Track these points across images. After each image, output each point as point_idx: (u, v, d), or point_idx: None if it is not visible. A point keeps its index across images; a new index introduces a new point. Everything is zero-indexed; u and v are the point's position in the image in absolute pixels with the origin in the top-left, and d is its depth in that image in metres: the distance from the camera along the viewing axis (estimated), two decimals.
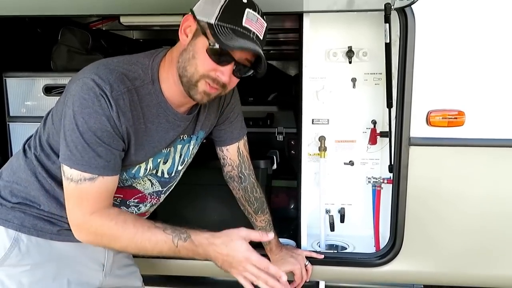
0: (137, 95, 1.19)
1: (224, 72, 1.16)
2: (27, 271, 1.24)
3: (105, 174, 1.15)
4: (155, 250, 1.18)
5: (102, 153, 1.13)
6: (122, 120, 1.15)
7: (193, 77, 1.17)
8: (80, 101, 1.12)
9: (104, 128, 1.13)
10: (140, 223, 1.18)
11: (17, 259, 1.24)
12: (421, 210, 1.59)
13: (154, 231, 1.17)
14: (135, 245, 1.17)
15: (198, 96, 1.20)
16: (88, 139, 1.12)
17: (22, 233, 1.25)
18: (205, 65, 1.16)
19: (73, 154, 1.13)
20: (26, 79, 1.93)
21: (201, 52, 1.15)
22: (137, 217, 1.23)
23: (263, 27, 1.18)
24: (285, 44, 3.43)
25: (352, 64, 1.80)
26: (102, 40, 2.38)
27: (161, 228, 1.18)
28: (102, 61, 1.23)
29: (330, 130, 1.86)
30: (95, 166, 1.13)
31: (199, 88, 1.18)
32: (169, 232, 1.17)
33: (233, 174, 1.54)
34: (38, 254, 1.26)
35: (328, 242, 1.85)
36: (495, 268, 1.62)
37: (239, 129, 1.51)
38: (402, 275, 1.68)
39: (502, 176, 1.54)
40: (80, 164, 1.13)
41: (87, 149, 1.12)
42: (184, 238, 1.17)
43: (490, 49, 1.50)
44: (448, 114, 1.51)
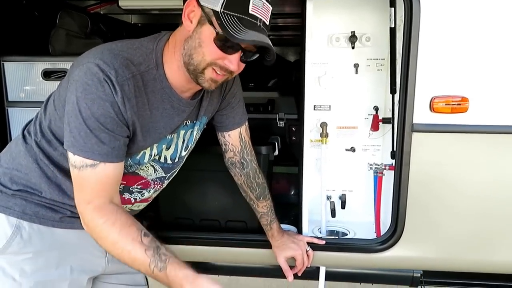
0: (142, 80, 1.17)
1: (232, 60, 1.15)
2: (30, 258, 1.23)
3: (108, 161, 1.13)
4: (133, 266, 1.14)
5: (105, 139, 1.12)
6: (127, 106, 1.13)
7: (200, 65, 1.16)
8: (84, 87, 1.09)
9: (107, 114, 1.11)
10: (126, 232, 1.12)
11: (19, 246, 1.23)
12: (423, 196, 1.59)
13: (136, 246, 1.11)
14: (116, 252, 1.14)
15: (206, 84, 1.19)
16: (91, 125, 1.10)
17: (23, 220, 1.24)
18: (212, 54, 1.14)
19: (76, 141, 1.11)
20: (24, 63, 1.90)
21: (208, 41, 1.13)
22: (128, 221, 1.15)
23: (269, 11, 1.15)
24: (285, 30, 3.39)
25: (355, 49, 1.79)
26: (100, 24, 2.35)
27: (144, 247, 1.11)
28: (105, 45, 1.20)
29: (332, 116, 1.85)
30: (98, 153, 1.12)
31: (206, 75, 1.17)
32: (149, 254, 1.11)
33: (235, 160, 1.53)
34: (40, 242, 1.25)
35: (329, 228, 1.86)
36: (495, 254, 1.63)
37: (240, 114, 1.50)
38: (403, 261, 1.68)
39: (506, 163, 1.53)
40: (83, 151, 1.12)
41: (90, 135, 1.11)
42: (160, 268, 1.11)
43: (494, 35, 1.48)
44: (452, 100, 1.50)
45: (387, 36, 1.65)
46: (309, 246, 1.66)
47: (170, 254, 1.14)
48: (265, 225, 1.61)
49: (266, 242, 1.65)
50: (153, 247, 1.13)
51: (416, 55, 1.48)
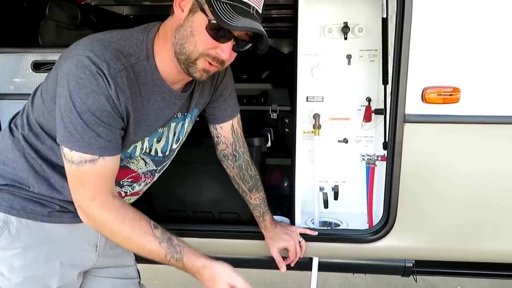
0: (133, 72, 1.16)
1: (225, 49, 1.13)
2: (18, 254, 1.22)
3: (106, 154, 1.13)
4: (147, 256, 1.19)
5: (102, 133, 1.11)
6: (121, 99, 1.12)
7: (192, 55, 1.14)
8: (76, 80, 1.07)
9: (103, 108, 1.09)
10: (139, 225, 1.17)
11: (7, 242, 1.21)
12: (415, 187, 1.60)
13: (150, 240, 1.16)
14: (129, 246, 1.18)
15: (198, 74, 1.17)
16: (87, 119, 1.09)
17: (11, 215, 1.22)
18: (204, 43, 1.12)
19: (73, 135, 1.10)
20: (13, 55, 1.88)
21: (200, 30, 1.11)
22: (137, 216, 1.19)
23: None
24: (279, 21, 3.37)
25: (348, 40, 1.78)
26: (91, 15, 2.32)
27: (158, 239, 1.17)
28: (94, 36, 1.18)
29: (324, 107, 1.85)
30: (96, 147, 1.11)
31: (198, 66, 1.16)
32: (164, 246, 1.17)
33: (227, 152, 1.53)
34: (29, 237, 1.23)
35: (322, 219, 1.87)
36: (487, 244, 1.65)
37: (232, 106, 1.48)
38: (395, 251, 1.70)
39: (497, 153, 1.54)
40: (81, 146, 1.10)
41: (87, 129, 1.09)
42: (176, 259, 1.18)
43: (486, 25, 1.48)
44: (444, 90, 1.50)
45: (380, 27, 1.65)
46: (302, 237, 1.67)
47: (183, 244, 1.20)
48: (258, 216, 1.61)
49: (259, 234, 1.66)
50: (166, 238, 1.18)
51: (408, 45, 1.48)
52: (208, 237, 1.75)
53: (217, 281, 1.16)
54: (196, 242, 1.75)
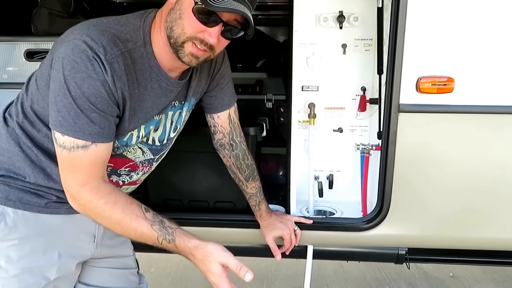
0: (130, 58, 1.15)
1: (212, 33, 1.12)
2: (15, 245, 1.21)
3: (98, 141, 1.12)
4: (139, 240, 1.17)
5: (96, 119, 1.10)
6: (118, 85, 1.11)
7: (180, 38, 1.13)
8: (72, 65, 1.06)
9: (98, 94, 1.08)
10: (130, 209, 1.15)
11: (4, 233, 1.20)
12: (409, 176, 1.61)
13: (142, 222, 1.15)
14: (121, 229, 1.16)
15: (186, 59, 1.16)
16: (82, 104, 1.07)
17: (7, 207, 1.21)
18: (192, 26, 1.11)
19: (65, 120, 1.09)
20: (6, 43, 1.86)
21: (187, 13, 1.10)
22: (128, 199, 1.17)
23: None
24: (274, 9, 3.35)
25: (343, 29, 1.78)
26: (84, 2, 2.29)
27: (149, 222, 1.15)
28: (91, 21, 1.16)
29: (319, 97, 1.86)
30: (89, 133, 1.10)
31: (186, 49, 1.14)
32: (156, 229, 1.15)
33: (224, 141, 1.53)
34: (25, 228, 1.23)
35: (317, 208, 1.89)
36: (479, 231, 1.68)
37: (229, 95, 1.48)
38: (388, 239, 1.72)
39: (490, 142, 1.56)
40: (73, 131, 1.09)
41: (81, 115, 1.08)
42: (169, 240, 1.16)
43: (480, 15, 1.48)
44: (438, 80, 1.51)
45: (375, 16, 1.64)
46: (297, 225, 1.69)
47: (175, 226, 1.18)
48: (254, 205, 1.63)
49: (254, 222, 1.67)
50: (158, 221, 1.16)
51: (403, 35, 1.48)
52: (203, 226, 1.76)
53: (210, 261, 1.15)
54: (192, 231, 1.72)
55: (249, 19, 1.11)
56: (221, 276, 1.14)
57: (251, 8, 1.13)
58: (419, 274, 3.08)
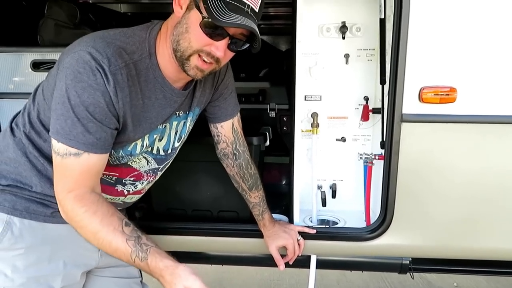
0: (135, 69, 1.16)
1: (219, 47, 1.14)
2: (21, 254, 1.22)
3: (92, 151, 1.12)
4: (114, 254, 1.14)
5: (92, 129, 1.11)
6: (120, 96, 1.12)
7: (186, 52, 1.15)
8: (74, 74, 1.08)
9: (97, 104, 1.10)
10: (108, 221, 1.12)
11: (10, 243, 1.22)
12: (412, 185, 1.61)
13: (117, 236, 1.11)
14: (97, 242, 1.13)
15: (192, 72, 1.18)
16: (79, 113, 1.09)
17: (14, 216, 1.23)
18: (199, 40, 1.13)
19: (62, 128, 1.10)
20: (13, 54, 1.88)
21: (194, 26, 1.12)
22: (110, 211, 1.15)
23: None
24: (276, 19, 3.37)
25: (345, 39, 1.79)
26: (90, 13, 2.32)
27: (125, 237, 1.12)
28: (98, 33, 1.18)
29: (322, 106, 1.86)
30: (83, 142, 1.11)
31: (192, 63, 1.16)
32: (131, 244, 1.11)
33: (228, 151, 1.54)
34: (31, 237, 1.24)
35: (320, 217, 1.88)
36: (484, 241, 1.67)
37: (233, 105, 1.50)
38: (392, 249, 1.72)
39: (493, 152, 1.56)
40: (68, 139, 1.10)
41: (77, 123, 1.09)
42: (141, 258, 1.11)
43: (482, 26, 1.49)
44: (440, 90, 1.51)
45: (378, 27, 1.66)
46: (300, 235, 1.68)
47: (151, 244, 1.14)
48: (257, 215, 1.63)
49: (257, 232, 1.67)
50: (134, 236, 1.13)
51: (405, 46, 1.49)
52: (207, 235, 1.76)
53: (176, 284, 1.10)
54: (196, 240, 1.77)
55: (256, 33, 1.12)
56: None
57: (257, 21, 1.14)
58: (423, 284, 3.06)
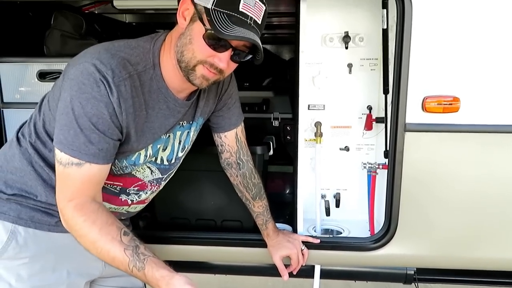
0: (139, 80, 1.18)
1: (222, 58, 1.15)
2: (26, 263, 1.23)
3: (93, 162, 1.13)
4: (112, 264, 1.14)
5: (94, 140, 1.12)
6: (123, 107, 1.14)
7: (191, 63, 1.16)
8: (79, 86, 1.10)
9: (100, 115, 1.11)
10: (106, 230, 1.12)
11: (15, 252, 1.23)
12: (416, 195, 1.61)
13: (115, 246, 1.11)
14: (96, 251, 1.13)
15: (197, 81, 1.19)
16: (82, 124, 1.10)
17: (19, 225, 1.24)
18: (202, 52, 1.14)
19: (65, 138, 1.12)
20: (19, 64, 1.90)
21: (198, 38, 1.13)
22: (109, 220, 1.15)
23: (262, 10, 1.15)
24: (279, 28, 3.40)
25: (348, 49, 1.80)
26: (95, 24, 2.35)
27: (123, 246, 1.11)
28: (103, 45, 1.20)
29: (326, 115, 1.87)
30: (85, 153, 1.12)
31: (197, 72, 1.17)
32: (128, 254, 1.11)
33: (231, 160, 1.55)
34: (36, 246, 1.25)
35: (324, 226, 1.88)
36: (489, 251, 1.66)
37: (237, 115, 1.51)
38: (396, 259, 1.71)
39: (496, 161, 1.56)
40: (70, 149, 1.12)
41: (80, 134, 1.11)
42: (139, 268, 1.11)
43: (485, 35, 1.50)
44: (444, 100, 1.52)
45: (381, 36, 1.67)
46: (304, 244, 1.68)
47: (148, 254, 1.13)
48: (261, 224, 1.63)
49: (261, 241, 1.67)
50: (132, 246, 1.12)
51: (408, 55, 1.50)
52: (211, 245, 1.76)
53: None
54: (199, 250, 1.77)
55: (258, 45, 1.13)
56: None
57: (259, 32, 1.16)
58: None
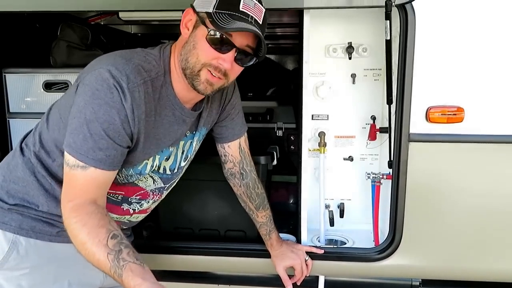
0: (152, 86, 1.19)
1: (226, 59, 1.16)
2: (27, 274, 1.23)
3: (99, 167, 1.13)
4: (99, 268, 1.11)
5: (103, 145, 1.12)
6: (136, 113, 1.15)
7: (195, 67, 1.17)
8: (92, 91, 1.11)
9: (111, 121, 1.12)
10: (95, 233, 1.10)
11: (16, 262, 1.23)
12: (420, 205, 1.60)
13: (101, 249, 1.09)
14: (84, 252, 1.11)
15: (202, 86, 1.20)
16: (93, 129, 1.11)
17: (20, 235, 1.24)
18: (206, 54, 1.16)
19: (74, 142, 1.13)
20: (26, 75, 1.93)
21: (201, 41, 1.16)
22: (100, 223, 1.13)
23: (261, 11, 1.18)
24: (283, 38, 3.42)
25: (352, 60, 1.80)
26: (101, 35, 2.37)
27: (107, 250, 1.09)
28: (118, 52, 1.22)
29: (329, 125, 1.87)
30: (92, 158, 1.12)
31: (202, 77, 1.18)
32: (110, 259, 1.08)
33: (235, 170, 1.55)
34: (37, 257, 1.25)
35: (328, 237, 1.87)
36: (494, 263, 1.64)
37: (240, 125, 1.51)
38: (401, 270, 1.69)
39: (501, 172, 1.55)
40: (78, 153, 1.12)
41: (89, 139, 1.11)
42: (118, 275, 1.08)
43: (489, 45, 1.50)
44: (448, 110, 1.52)
45: (384, 47, 1.67)
46: (308, 255, 1.67)
47: (129, 259, 1.09)
48: (264, 235, 1.62)
49: (265, 252, 1.66)
50: (115, 251, 1.09)
51: (412, 66, 1.50)
52: (214, 255, 1.76)
53: None
54: (203, 259, 1.76)
55: (261, 38, 1.15)
56: None
57: (261, 31, 1.16)
58: None
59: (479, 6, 1.50)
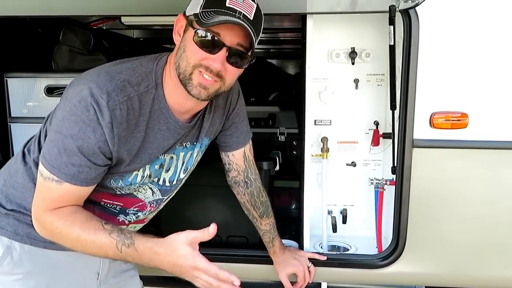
0: (139, 101, 1.17)
1: (216, 59, 1.12)
2: (20, 280, 1.22)
3: (72, 183, 1.13)
4: (101, 253, 1.13)
5: (76, 162, 1.11)
6: (115, 131, 1.12)
7: (187, 70, 1.14)
8: (70, 107, 1.10)
9: (86, 139, 1.10)
10: (88, 225, 1.13)
11: (9, 267, 1.22)
12: (424, 211, 1.59)
13: (100, 233, 1.11)
14: (81, 245, 1.12)
15: (195, 91, 1.15)
16: (67, 145, 1.10)
17: (15, 241, 1.24)
18: (195, 55, 1.12)
19: (49, 154, 1.12)
20: (27, 79, 1.93)
21: (189, 44, 1.13)
22: (88, 217, 1.15)
23: (252, 7, 1.13)
24: (285, 43, 3.42)
25: (355, 65, 1.80)
26: (103, 40, 2.37)
27: (107, 231, 1.12)
28: (104, 66, 1.20)
29: (332, 131, 1.86)
30: (64, 173, 1.11)
31: (194, 81, 1.14)
32: (114, 236, 1.11)
33: (239, 179, 1.53)
34: (31, 263, 1.24)
35: (331, 243, 1.86)
36: (498, 269, 1.63)
37: (244, 133, 1.49)
38: (405, 277, 1.68)
39: (505, 178, 1.54)
40: (52, 166, 1.12)
41: (63, 154, 1.11)
42: (128, 245, 1.10)
43: (493, 51, 1.50)
44: (452, 116, 1.51)
45: (387, 52, 1.66)
46: (311, 262, 1.66)
47: (133, 232, 1.15)
48: (267, 242, 1.61)
49: (267, 258, 1.65)
50: (116, 229, 1.13)
51: (415, 71, 1.50)
52: (216, 261, 1.73)
53: (175, 248, 1.08)
54: None
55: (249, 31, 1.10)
56: (193, 254, 1.08)
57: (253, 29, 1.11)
58: None
59: (483, 11, 1.49)
